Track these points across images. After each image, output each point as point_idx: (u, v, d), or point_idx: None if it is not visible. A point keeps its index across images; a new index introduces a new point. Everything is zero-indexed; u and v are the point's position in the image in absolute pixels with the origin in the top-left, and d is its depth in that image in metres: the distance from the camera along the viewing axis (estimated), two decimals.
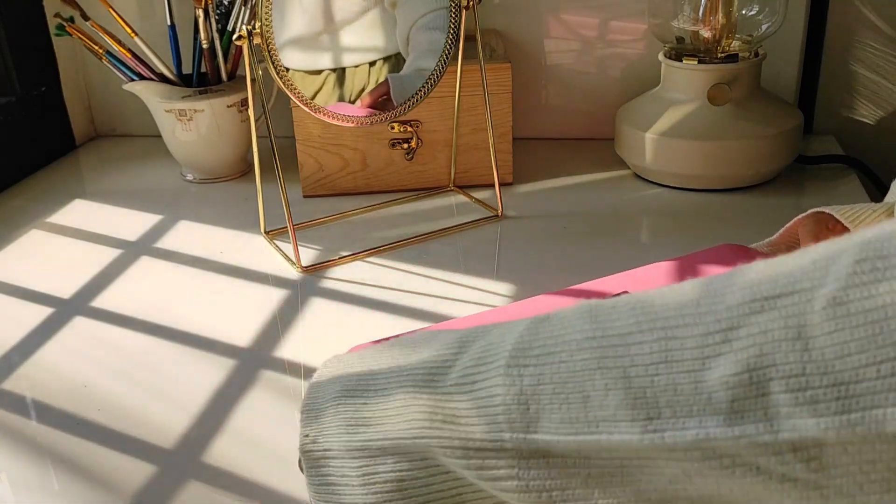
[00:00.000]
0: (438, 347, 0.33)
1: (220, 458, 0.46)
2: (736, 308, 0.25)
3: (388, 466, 0.33)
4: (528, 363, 0.29)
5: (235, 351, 0.56)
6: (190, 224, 0.76)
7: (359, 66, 0.72)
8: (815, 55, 0.87)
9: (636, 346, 0.27)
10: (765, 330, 0.24)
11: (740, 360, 0.24)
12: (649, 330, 0.27)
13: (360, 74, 0.72)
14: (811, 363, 0.23)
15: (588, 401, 0.27)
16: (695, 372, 0.25)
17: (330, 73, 0.72)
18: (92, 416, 0.50)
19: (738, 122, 0.76)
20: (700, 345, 0.25)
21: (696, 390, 0.25)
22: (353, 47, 0.73)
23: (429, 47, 0.71)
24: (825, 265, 0.24)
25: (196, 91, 0.82)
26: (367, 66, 0.72)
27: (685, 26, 0.79)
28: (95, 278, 0.67)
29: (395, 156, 0.79)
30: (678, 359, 0.26)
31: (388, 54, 0.73)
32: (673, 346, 0.26)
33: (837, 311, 0.23)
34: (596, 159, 0.87)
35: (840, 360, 0.23)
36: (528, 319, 0.31)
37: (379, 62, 0.73)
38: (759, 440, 0.24)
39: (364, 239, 0.71)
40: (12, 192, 0.86)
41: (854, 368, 0.22)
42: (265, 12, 0.62)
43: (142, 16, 0.94)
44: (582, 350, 0.28)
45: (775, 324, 0.24)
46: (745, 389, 0.24)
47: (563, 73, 0.91)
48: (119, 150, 0.97)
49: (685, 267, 0.56)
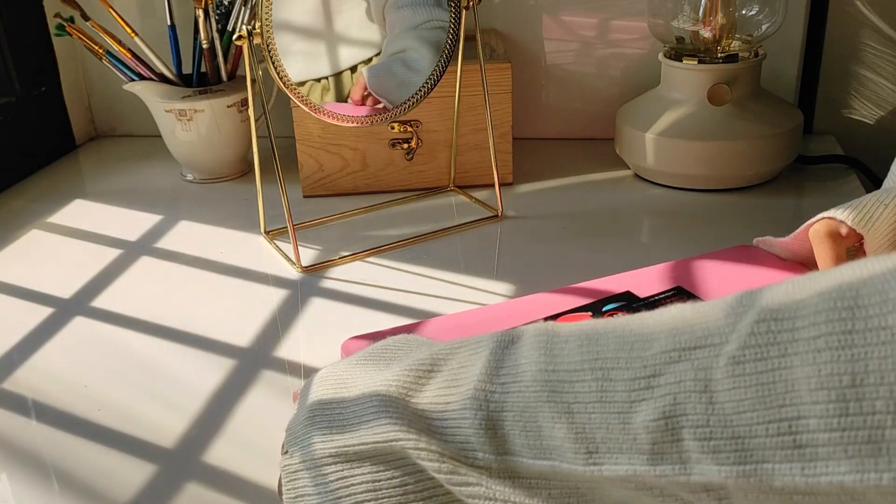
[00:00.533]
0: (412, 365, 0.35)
1: (219, 459, 0.46)
2: (659, 356, 0.28)
3: (364, 469, 0.34)
4: (494, 389, 0.31)
5: (235, 351, 0.56)
6: (190, 224, 0.76)
7: (351, 70, 0.72)
8: (815, 55, 0.87)
9: (579, 383, 0.29)
10: (679, 380, 0.27)
11: (658, 407, 0.27)
12: (591, 370, 0.29)
13: (352, 77, 0.72)
14: (714, 416, 0.26)
15: (541, 430, 0.30)
16: (623, 414, 0.28)
17: (328, 77, 0.72)
18: (92, 416, 0.50)
19: (738, 122, 0.76)
20: (628, 388, 0.28)
21: (625, 431, 0.28)
22: (347, 47, 0.72)
23: (401, 27, 0.70)
24: (734, 321, 0.27)
25: (196, 91, 0.82)
26: (361, 65, 0.72)
27: (685, 26, 0.79)
28: (95, 278, 0.67)
29: (395, 156, 0.79)
30: (611, 399, 0.28)
31: (379, 51, 0.73)
32: (608, 388, 0.28)
33: (736, 369, 0.25)
34: (596, 159, 0.87)
35: (737, 415, 0.25)
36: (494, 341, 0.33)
37: (374, 59, 0.72)
38: (676, 480, 0.27)
39: (364, 239, 0.71)
40: (12, 193, 0.86)
41: (748, 425, 0.25)
42: (265, 12, 0.62)
43: (142, 16, 0.94)
44: (536, 382, 0.30)
45: (687, 375, 0.27)
46: (662, 434, 0.27)
47: (563, 73, 0.91)
48: (119, 150, 0.97)
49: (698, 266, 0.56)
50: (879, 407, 0.22)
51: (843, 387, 0.23)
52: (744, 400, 0.25)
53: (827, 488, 0.24)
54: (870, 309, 0.23)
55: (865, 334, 0.23)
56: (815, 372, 0.24)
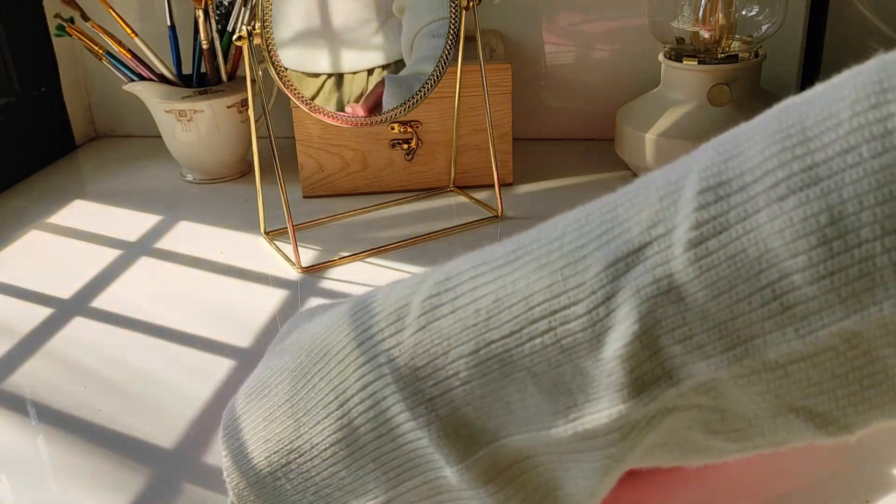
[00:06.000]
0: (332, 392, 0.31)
1: (220, 459, 0.46)
2: (603, 275, 0.24)
3: None
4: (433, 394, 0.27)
5: (235, 351, 0.56)
6: (190, 224, 0.76)
7: (357, 73, 0.72)
8: (815, 55, 0.87)
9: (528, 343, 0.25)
10: (637, 290, 0.24)
11: (626, 329, 0.24)
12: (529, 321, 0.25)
13: (359, 80, 0.72)
14: (689, 311, 0.23)
15: (510, 406, 0.27)
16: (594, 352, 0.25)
17: (328, 77, 0.72)
18: (92, 417, 0.50)
19: (739, 122, 0.75)
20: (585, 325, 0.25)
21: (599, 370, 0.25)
22: (354, 53, 0.73)
23: (430, 53, 0.71)
24: (672, 202, 0.24)
25: (196, 91, 0.82)
26: (365, 73, 0.72)
27: (685, 27, 0.79)
28: (95, 278, 0.67)
29: (395, 156, 0.79)
30: (571, 346, 0.25)
31: (389, 62, 0.73)
32: (563, 333, 0.25)
33: (697, 252, 0.23)
34: (596, 160, 0.87)
35: (714, 300, 0.23)
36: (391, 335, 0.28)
37: (377, 70, 0.73)
38: (664, 396, 0.24)
39: (364, 239, 0.71)
40: (12, 193, 0.86)
41: (727, 307, 0.23)
42: (265, 13, 0.62)
43: (142, 16, 0.94)
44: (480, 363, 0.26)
45: (645, 280, 0.24)
46: (638, 356, 0.24)
47: (563, 74, 0.91)
48: (119, 151, 0.97)
49: None
50: (866, 235, 0.20)
51: (822, 227, 0.21)
52: (716, 282, 0.23)
53: (826, 342, 0.22)
54: (824, 136, 0.21)
55: (830, 164, 0.21)
56: (787, 223, 0.21)
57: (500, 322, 0.26)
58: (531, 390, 0.26)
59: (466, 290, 0.27)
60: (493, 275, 0.27)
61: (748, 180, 0.22)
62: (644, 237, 0.24)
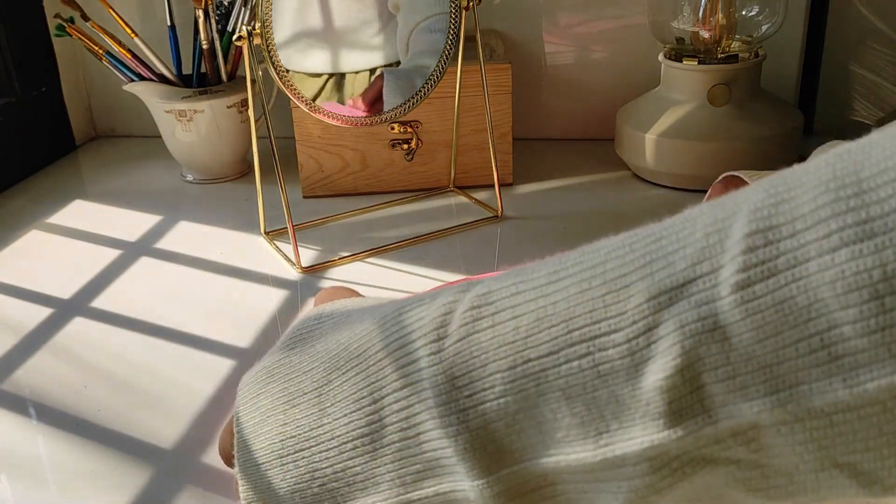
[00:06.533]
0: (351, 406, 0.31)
1: (219, 460, 0.46)
2: (645, 306, 0.24)
3: None
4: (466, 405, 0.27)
5: (235, 351, 0.56)
6: (190, 224, 0.76)
7: (359, 73, 0.72)
8: (815, 55, 0.87)
9: (565, 365, 0.26)
10: (681, 326, 0.24)
11: (668, 362, 0.24)
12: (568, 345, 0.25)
13: (361, 80, 0.72)
14: (733, 352, 0.23)
15: (542, 426, 0.27)
16: (631, 381, 0.25)
17: (329, 77, 0.72)
18: (92, 416, 0.50)
19: (739, 122, 0.76)
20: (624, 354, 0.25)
21: (635, 398, 0.25)
22: (356, 53, 0.73)
23: (429, 47, 0.71)
24: (718, 240, 0.24)
25: (196, 92, 0.82)
26: (367, 73, 0.72)
27: (685, 27, 0.79)
28: (95, 278, 0.67)
29: (395, 156, 0.79)
30: (608, 372, 0.25)
31: (390, 62, 0.73)
32: (601, 359, 0.25)
33: (744, 295, 0.23)
34: (596, 160, 0.87)
35: (760, 344, 0.23)
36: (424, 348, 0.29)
37: (380, 69, 0.73)
38: (701, 433, 0.24)
39: (364, 239, 0.71)
40: (12, 193, 0.86)
41: (773, 351, 0.22)
42: (265, 13, 0.62)
43: (142, 16, 0.94)
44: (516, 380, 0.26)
45: (689, 317, 0.23)
46: (679, 389, 0.24)
47: (563, 74, 0.91)
48: (119, 151, 0.97)
49: None
50: None
51: (875, 282, 0.21)
52: (763, 326, 0.22)
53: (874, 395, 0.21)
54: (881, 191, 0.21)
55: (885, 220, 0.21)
56: (838, 275, 0.21)
57: (538, 342, 0.26)
58: (564, 412, 0.26)
59: (507, 307, 0.27)
60: (534, 294, 0.27)
61: (799, 227, 0.22)
62: (689, 273, 0.24)
